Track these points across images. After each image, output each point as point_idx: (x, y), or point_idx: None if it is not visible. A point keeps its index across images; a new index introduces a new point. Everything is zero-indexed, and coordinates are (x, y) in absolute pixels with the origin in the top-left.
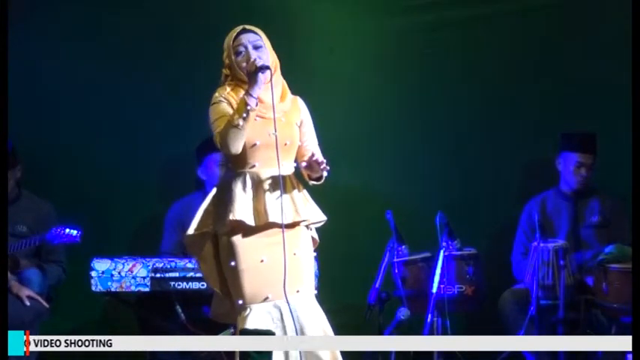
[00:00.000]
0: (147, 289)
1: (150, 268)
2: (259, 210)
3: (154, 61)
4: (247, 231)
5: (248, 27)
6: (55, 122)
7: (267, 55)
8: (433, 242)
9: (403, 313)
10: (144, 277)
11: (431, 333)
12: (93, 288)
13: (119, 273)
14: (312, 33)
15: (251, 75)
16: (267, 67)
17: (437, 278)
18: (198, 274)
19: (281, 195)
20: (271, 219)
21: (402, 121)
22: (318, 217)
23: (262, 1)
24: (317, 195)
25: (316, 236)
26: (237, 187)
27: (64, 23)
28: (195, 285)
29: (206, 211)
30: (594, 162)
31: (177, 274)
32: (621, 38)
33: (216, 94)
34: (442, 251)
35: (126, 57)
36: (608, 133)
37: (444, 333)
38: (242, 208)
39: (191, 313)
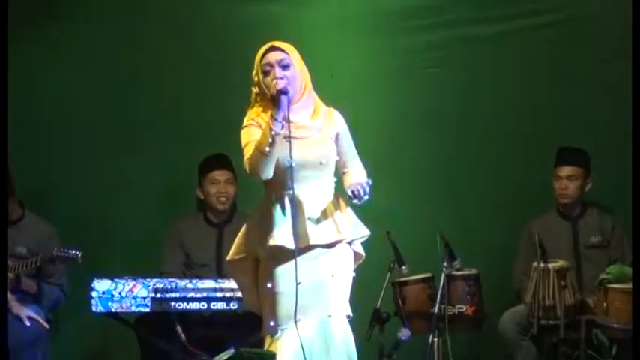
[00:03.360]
0: (147, 310)
1: (150, 288)
2: (300, 233)
3: (154, 78)
4: (288, 254)
5: (277, 44)
6: (56, 142)
7: (294, 75)
8: (434, 262)
9: (404, 333)
10: (144, 298)
11: (432, 353)
12: (93, 308)
13: (120, 293)
14: (312, 53)
15: (273, 98)
16: (286, 91)
17: (438, 298)
18: (199, 295)
19: (293, 218)
20: (312, 241)
21: (401, 141)
22: (361, 232)
23: (262, 20)
24: None
25: (362, 250)
26: (277, 210)
27: (63, 44)
28: (196, 305)
29: (246, 235)
30: (575, 175)
31: (177, 295)
32: (620, 55)
33: (246, 117)
34: (443, 271)
35: (124, 75)
36: (609, 154)
37: (445, 353)
38: (282, 233)
39: (192, 334)
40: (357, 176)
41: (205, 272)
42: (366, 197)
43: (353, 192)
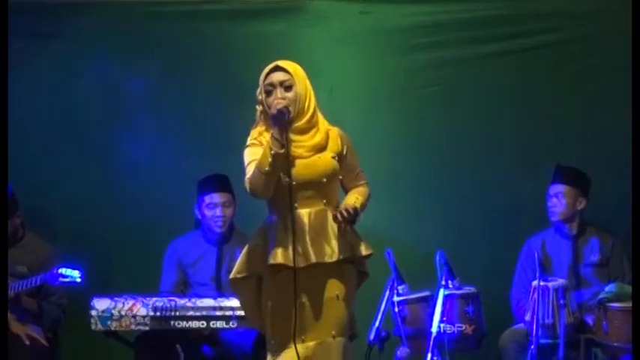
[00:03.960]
0: (147, 328)
1: (150, 307)
2: (302, 252)
3: (155, 96)
4: (289, 272)
5: (281, 64)
6: (55, 160)
7: (296, 96)
8: (433, 281)
9: (403, 351)
10: (144, 316)
11: None
12: (93, 327)
13: (119, 312)
14: (312, 71)
15: (274, 118)
16: (285, 112)
17: (437, 317)
18: (198, 313)
19: (294, 236)
20: (314, 260)
21: (400, 159)
22: (365, 251)
23: (262, 39)
24: None
25: (366, 270)
26: (278, 229)
27: (64, 61)
28: (195, 324)
29: (248, 254)
30: (564, 193)
31: (177, 313)
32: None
33: (250, 136)
34: (442, 290)
35: (125, 91)
36: (608, 172)
37: None
38: (283, 251)
39: (191, 353)
40: (355, 196)
41: (204, 291)
42: (351, 220)
43: (335, 215)
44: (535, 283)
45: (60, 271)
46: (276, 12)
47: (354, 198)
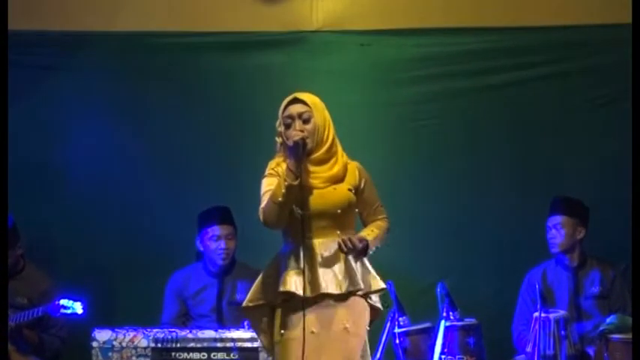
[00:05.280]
0: None
1: (151, 338)
2: (312, 281)
3: (153, 132)
4: (300, 302)
5: (300, 96)
6: (57, 193)
7: (314, 128)
8: (434, 312)
9: None
10: (145, 348)
11: None
12: (94, 358)
13: (120, 343)
14: None
15: (290, 150)
16: (301, 144)
17: (438, 349)
18: (199, 345)
19: (306, 266)
20: (324, 290)
21: (401, 190)
22: (377, 285)
23: (264, 71)
24: None
25: (379, 305)
26: (291, 258)
27: (64, 98)
28: (196, 356)
29: (261, 283)
30: (563, 224)
31: (178, 345)
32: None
33: (268, 166)
34: (443, 321)
35: (125, 131)
36: (608, 203)
37: None
38: (294, 280)
39: None
40: (371, 229)
41: (205, 322)
42: (354, 251)
43: (339, 243)
44: (536, 314)
45: (61, 302)
46: (278, 44)
47: (368, 231)
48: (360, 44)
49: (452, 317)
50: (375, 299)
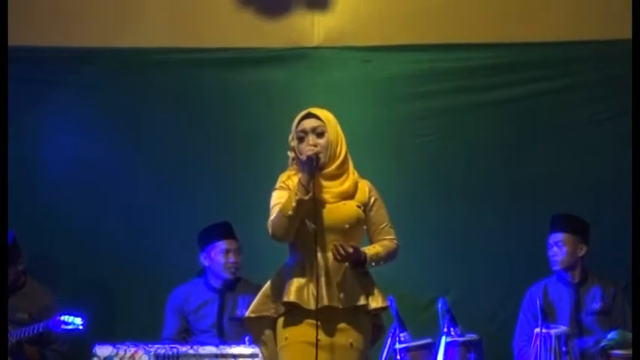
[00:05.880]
0: None
1: (152, 354)
2: (317, 294)
3: (154, 148)
4: (304, 314)
5: (314, 111)
6: (57, 209)
7: (327, 143)
8: (435, 328)
9: None
10: None
11: None
12: None
13: (121, 359)
14: None
15: (302, 164)
16: (314, 159)
17: None
18: None
19: (316, 278)
20: (328, 302)
21: (401, 206)
22: (380, 303)
23: (265, 87)
24: None
25: (383, 323)
26: (297, 270)
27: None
28: None
29: (265, 294)
30: (564, 241)
31: None
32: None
33: (279, 179)
34: (444, 337)
35: (126, 146)
36: (608, 219)
37: None
38: (299, 291)
39: None
40: (374, 246)
41: (206, 338)
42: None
43: (332, 249)
44: (537, 330)
45: (62, 318)
46: (279, 60)
47: (370, 247)
48: (361, 60)
49: (453, 333)
50: (379, 317)
